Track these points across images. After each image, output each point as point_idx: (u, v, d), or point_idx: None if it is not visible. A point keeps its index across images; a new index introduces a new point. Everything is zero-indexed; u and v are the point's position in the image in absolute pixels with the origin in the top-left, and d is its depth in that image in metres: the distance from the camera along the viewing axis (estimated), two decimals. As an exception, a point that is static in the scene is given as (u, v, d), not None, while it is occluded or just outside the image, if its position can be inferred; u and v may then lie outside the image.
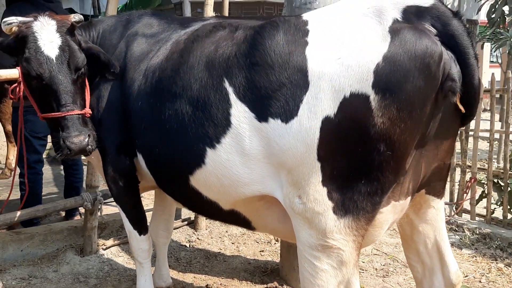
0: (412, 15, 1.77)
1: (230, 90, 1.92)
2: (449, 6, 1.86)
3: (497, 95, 4.37)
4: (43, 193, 5.01)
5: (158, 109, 2.16)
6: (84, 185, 4.03)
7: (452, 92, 1.76)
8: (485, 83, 9.64)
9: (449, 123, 1.93)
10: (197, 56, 2.08)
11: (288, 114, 1.77)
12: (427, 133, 1.83)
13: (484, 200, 4.45)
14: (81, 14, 2.67)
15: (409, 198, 1.96)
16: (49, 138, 7.40)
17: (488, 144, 4.49)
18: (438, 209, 2.16)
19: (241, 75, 1.90)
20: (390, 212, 1.92)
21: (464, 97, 1.81)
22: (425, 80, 1.68)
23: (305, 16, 1.97)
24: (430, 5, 1.80)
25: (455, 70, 1.76)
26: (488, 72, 19.28)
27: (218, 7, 4.47)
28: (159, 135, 2.18)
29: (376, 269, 3.65)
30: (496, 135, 4.62)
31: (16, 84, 3.10)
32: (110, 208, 4.39)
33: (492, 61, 19.18)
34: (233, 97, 1.91)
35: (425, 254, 2.17)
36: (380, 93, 1.66)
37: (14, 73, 3.08)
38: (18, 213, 3.40)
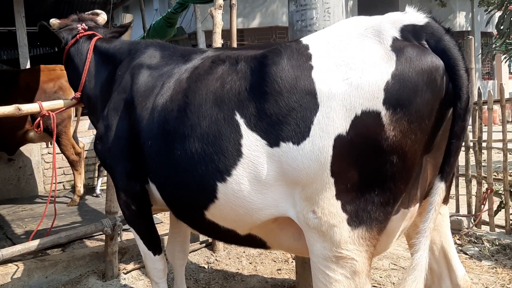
0: (409, 33, 1.84)
1: (241, 121, 1.97)
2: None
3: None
4: (67, 222, 5.20)
5: (168, 150, 2.23)
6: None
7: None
8: (506, 94, 9.58)
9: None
10: (203, 95, 2.14)
11: (300, 136, 1.82)
12: (433, 141, 1.89)
13: (503, 210, 4.41)
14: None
15: (418, 205, 2.00)
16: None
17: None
18: (443, 215, 2.19)
19: (251, 106, 1.95)
20: (400, 220, 1.96)
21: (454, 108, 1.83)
22: (432, 93, 1.75)
23: (305, 40, 2.03)
24: (425, 23, 1.87)
25: None
26: (508, 83, 19.08)
27: (227, 35, 4.64)
28: (172, 174, 2.25)
29: (393, 283, 3.63)
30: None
31: (39, 118, 3.30)
32: (130, 234, 4.51)
33: (512, 73, 18.91)
34: (244, 128, 1.96)
35: (432, 261, 2.18)
36: (391, 109, 1.73)
37: (35, 107, 3.28)
38: (42, 240, 3.54)
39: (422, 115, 1.75)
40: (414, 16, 1.90)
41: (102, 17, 3.45)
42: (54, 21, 3.36)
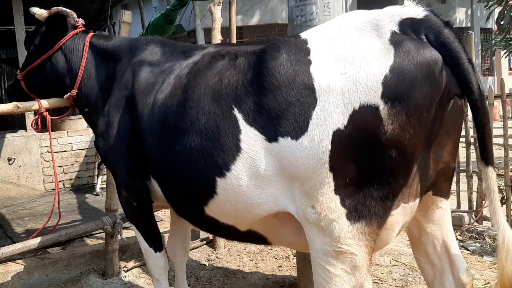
0: (408, 27, 1.84)
1: (239, 117, 1.97)
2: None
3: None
4: (67, 220, 5.19)
5: (168, 146, 2.23)
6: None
7: (458, 95, 1.83)
8: (507, 90, 9.55)
9: (451, 126, 1.98)
10: (202, 90, 2.14)
11: (298, 131, 1.82)
12: (433, 135, 1.89)
13: (504, 206, 4.39)
14: None
15: (418, 199, 1.99)
16: (72, 168, 7.62)
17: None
18: (445, 210, 2.18)
19: (250, 101, 1.95)
20: (400, 214, 1.95)
21: (467, 102, 1.84)
22: (431, 86, 1.75)
23: (304, 35, 2.02)
24: (423, 16, 1.86)
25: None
26: (508, 79, 19.08)
27: (226, 32, 4.62)
28: (172, 170, 2.25)
29: (395, 279, 3.62)
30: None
31: (37, 116, 3.28)
32: (130, 232, 4.50)
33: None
34: (242, 123, 1.96)
35: (434, 255, 2.19)
36: (389, 103, 1.72)
37: (34, 105, 3.26)
38: (42, 239, 3.53)
39: (420, 109, 1.75)
40: (413, 10, 1.89)
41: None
42: (41, 12, 3.03)
